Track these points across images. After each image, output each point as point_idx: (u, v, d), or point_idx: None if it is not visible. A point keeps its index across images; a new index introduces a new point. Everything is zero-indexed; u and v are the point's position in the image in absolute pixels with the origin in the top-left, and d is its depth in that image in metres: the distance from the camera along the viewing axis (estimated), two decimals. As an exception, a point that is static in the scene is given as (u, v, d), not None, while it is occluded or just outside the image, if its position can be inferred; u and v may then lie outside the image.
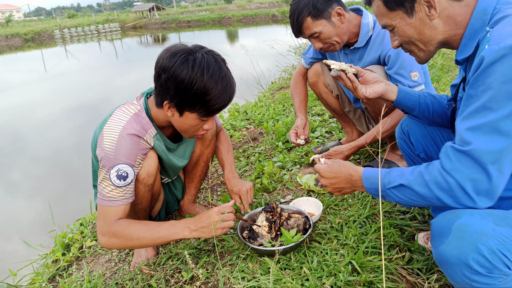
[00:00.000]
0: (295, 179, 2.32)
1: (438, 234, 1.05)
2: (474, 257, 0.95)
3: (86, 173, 1.73)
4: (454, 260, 0.98)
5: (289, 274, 1.46)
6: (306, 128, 2.27)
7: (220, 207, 1.54)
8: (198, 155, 1.94)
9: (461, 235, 0.98)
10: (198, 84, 1.37)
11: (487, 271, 0.95)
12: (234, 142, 3.28)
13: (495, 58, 0.92)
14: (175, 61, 1.37)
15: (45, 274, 2.08)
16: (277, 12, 22.43)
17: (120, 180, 1.47)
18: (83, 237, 2.32)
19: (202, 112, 1.47)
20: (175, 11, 53.51)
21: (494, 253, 0.94)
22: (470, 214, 1.00)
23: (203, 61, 1.39)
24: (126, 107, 1.57)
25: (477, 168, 0.95)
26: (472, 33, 1.08)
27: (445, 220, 1.04)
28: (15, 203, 4.51)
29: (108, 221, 1.48)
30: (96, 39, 32.81)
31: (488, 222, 0.97)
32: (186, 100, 1.41)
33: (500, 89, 0.92)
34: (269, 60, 6.92)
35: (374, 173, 1.19)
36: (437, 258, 1.05)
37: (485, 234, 0.95)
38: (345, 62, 2.17)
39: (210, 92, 1.40)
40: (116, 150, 1.45)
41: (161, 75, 1.41)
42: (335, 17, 1.92)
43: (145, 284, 1.64)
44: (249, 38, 21.65)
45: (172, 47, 1.44)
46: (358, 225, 1.71)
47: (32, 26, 39.88)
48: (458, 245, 0.98)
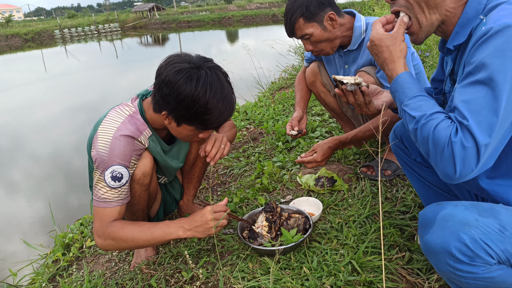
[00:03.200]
0: (295, 179, 2.32)
1: (423, 224, 1.08)
2: (456, 246, 0.97)
3: (86, 173, 1.73)
4: (438, 249, 1.00)
5: (289, 274, 1.47)
6: (302, 122, 2.29)
7: (214, 206, 1.53)
8: (195, 156, 1.94)
9: (444, 225, 1.00)
10: (200, 104, 1.37)
11: (470, 260, 0.97)
12: (234, 142, 3.28)
13: (491, 34, 0.93)
14: (179, 78, 1.36)
15: (45, 274, 2.08)
16: (277, 12, 22.41)
17: (114, 181, 1.47)
18: (83, 237, 2.32)
19: (200, 127, 1.48)
20: (175, 11, 53.52)
21: (476, 242, 0.95)
22: (455, 206, 1.02)
23: (206, 80, 1.38)
24: (120, 108, 1.57)
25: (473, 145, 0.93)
26: (465, 21, 1.09)
27: (431, 211, 1.07)
28: (15, 203, 4.51)
29: (104, 223, 1.49)
30: (96, 39, 32.82)
31: (471, 213, 0.99)
32: (186, 116, 1.42)
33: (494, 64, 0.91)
34: (269, 60, 6.92)
35: (410, 82, 1.13)
36: (423, 248, 1.07)
37: (468, 224, 0.97)
38: (339, 64, 2.19)
39: (211, 112, 1.40)
40: (110, 151, 1.45)
41: (162, 88, 1.40)
42: (327, 22, 1.93)
43: (145, 284, 1.64)
44: (249, 38, 21.65)
45: (176, 58, 1.42)
46: (358, 225, 1.71)
47: (32, 26, 39.84)
48: (441, 234, 1.00)
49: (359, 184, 2.05)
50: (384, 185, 2.06)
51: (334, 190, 2.08)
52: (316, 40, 1.97)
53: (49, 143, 6.61)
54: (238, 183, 2.47)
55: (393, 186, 2.04)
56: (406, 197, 1.88)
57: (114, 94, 9.92)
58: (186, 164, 1.96)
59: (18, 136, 7.22)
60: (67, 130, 7.22)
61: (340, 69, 2.20)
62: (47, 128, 7.59)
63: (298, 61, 6.99)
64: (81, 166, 5.20)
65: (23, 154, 6.14)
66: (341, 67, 2.19)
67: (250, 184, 2.36)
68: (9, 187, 5.01)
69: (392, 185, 2.05)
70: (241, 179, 2.53)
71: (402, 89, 1.13)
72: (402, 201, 1.85)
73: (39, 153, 6.11)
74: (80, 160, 5.49)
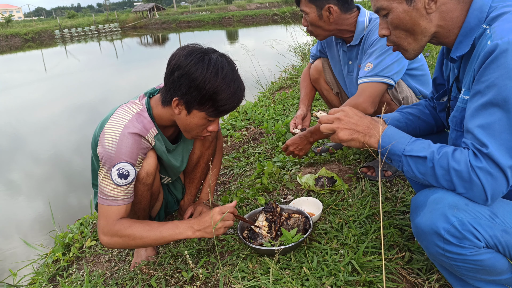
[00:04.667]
0: (295, 179, 2.32)
1: (415, 208, 1.09)
2: (444, 227, 0.99)
3: (86, 173, 1.73)
4: (427, 230, 1.02)
5: (289, 274, 1.46)
6: (306, 119, 2.30)
7: (222, 207, 1.54)
8: (198, 156, 1.94)
9: (434, 207, 1.02)
10: (212, 83, 1.40)
11: (458, 241, 0.98)
12: (234, 142, 3.28)
13: (499, 53, 0.93)
14: (190, 59, 1.40)
15: (45, 274, 2.08)
16: (277, 12, 22.42)
17: (121, 179, 1.46)
18: (83, 237, 2.32)
19: (211, 112, 1.48)
20: (175, 11, 53.50)
21: (464, 225, 0.97)
22: (446, 191, 1.03)
23: (217, 62, 1.42)
24: (128, 106, 1.57)
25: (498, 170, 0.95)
26: (468, 30, 1.07)
27: (423, 195, 1.09)
28: (15, 203, 4.51)
29: (110, 221, 1.48)
30: (96, 39, 32.82)
31: (462, 198, 1.01)
32: (197, 98, 1.43)
33: (508, 86, 0.92)
34: (269, 60, 6.91)
35: (397, 134, 1.15)
36: (414, 231, 1.09)
37: (457, 207, 0.99)
38: (344, 60, 2.18)
39: (222, 93, 1.42)
40: (117, 148, 1.45)
41: (174, 72, 1.43)
42: (325, 11, 1.93)
43: (145, 284, 1.64)
44: (249, 38, 21.65)
45: (188, 46, 1.47)
46: (358, 225, 1.71)
47: (32, 26, 39.84)
48: (431, 216, 1.02)
49: (359, 184, 2.05)
50: (384, 185, 2.06)
51: (334, 190, 2.07)
52: (310, 21, 1.99)
53: (49, 143, 6.61)
54: (238, 183, 2.47)
55: (393, 186, 2.04)
56: (406, 197, 1.88)
57: (114, 94, 9.92)
58: (188, 164, 1.96)
59: (18, 136, 7.22)
60: (67, 130, 7.22)
61: (344, 66, 2.20)
62: (47, 128, 7.58)
63: (298, 61, 6.98)
64: (81, 166, 5.20)
65: (23, 154, 6.14)
66: (345, 63, 2.18)
67: (250, 184, 2.36)
68: (9, 187, 5.01)
69: (392, 185, 2.05)
70: (241, 179, 2.53)
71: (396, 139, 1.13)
72: (402, 201, 1.85)
73: (39, 153, 6.11)
74: (80, 160, 5.50)
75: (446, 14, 1.09)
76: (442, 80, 1.40)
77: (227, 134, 3.49)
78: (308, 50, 7.32)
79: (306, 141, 2.16)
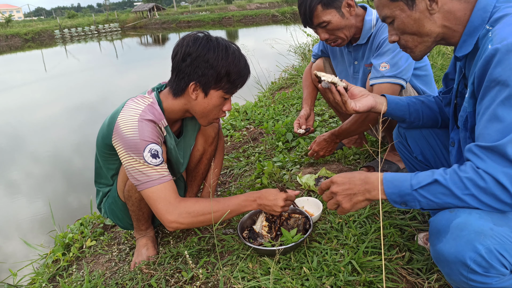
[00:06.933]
0: (295, 179, 2.32)
1: (436, 232, 1.04)
2: (471, 256, 0.94)
3: (86, 173, 1.74)
4: (452, 259, 0.98)
5: (289, 274, 1.47)
6: (310, 119, 2.31)
7: (287, 195, 1.61)
8: (201, 153, 1.95)
9: (459, 234, 0.97)
10: (224, 60, 1.48)
11: (484, 271, 0.95)
12: (234, 142, 3.28)
13: (501, 56, 0.92)
14: (199, 43, 1.48)
15: (45, 274, 2.08)
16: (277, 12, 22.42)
17: (155, 159, 1.50)
18: (83, 237, 2.32)
19: (227, 89, 1.54)
20: (175, 11, 53.51)
21: (492, 252, 0.93)
22: (469, 213, 0.98)
23: (223, 42, 1.52)
24: (138, 99, 1.60)
25: (506, 162, 0.92)
26: (471, 30, 1.08)
27: (444, 218, 1.02)
28: (15, 202, 4.51)
29: (171, 199, 1.50)
30: (96, 39, 32.81)
31: (486, 221, 0.96)
32: (214, 76, 1.49)
33: None
34: (269, 60, 6.91)
35: (396, 175, 1.11)
36: (435, 257, 1.04)
37: (483, 234, 0.94)
38: (349, 61, 2.17)
39: (235, 67, 1.51)
40: (140, 133, 1.48)
41: (186, 59, 1.48)
42: (345, 8, 1.88)
43: (145, 284, 1.64)
44: (249, 38, 21.63)
45: (188, 35, 1.54)
46: (358, 225, 1.71)
47: (32, 26, 39.85)
48: (455, 243, 0.97)
49: (359, 184, 2.04)
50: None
51: (334, 190, 2.07)
52: (333, 28, 1.90)
53: (49, 143, 6.61)
54: (238, 183, 2.47)
55: (393, 186, 2.04)
56: (406, 197, 1.88)
57: (114, 94, 9.92)
58: (191, 161, 1.97)
59: (18, 136, 7.21)
60: (67, 130, 7.21)
61: (349, 66, 2.17)
62: (47, 128, 7.58)
63: (298, 61, 6.99)
64: (81, 166, 5.20)
65: (23, 154, 6.13)
66: (350, 63, 2.15)
67: (250, 184, 2.36)
68: (9, 187, 5.01)
69: (392, 185, 2.05)
70: (241, 179, 2.53)
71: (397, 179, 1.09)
72: (402, 201, 1.84)
73: (39, 153, 6.10)
74: (80, 160, 5.50)
75: (449, 14, 1.09)
76: (454, 75, 1.40)
77: (227, 134, 3.49)
78: (308, 50, 7.32)
79: (333, 142, 2.27)
